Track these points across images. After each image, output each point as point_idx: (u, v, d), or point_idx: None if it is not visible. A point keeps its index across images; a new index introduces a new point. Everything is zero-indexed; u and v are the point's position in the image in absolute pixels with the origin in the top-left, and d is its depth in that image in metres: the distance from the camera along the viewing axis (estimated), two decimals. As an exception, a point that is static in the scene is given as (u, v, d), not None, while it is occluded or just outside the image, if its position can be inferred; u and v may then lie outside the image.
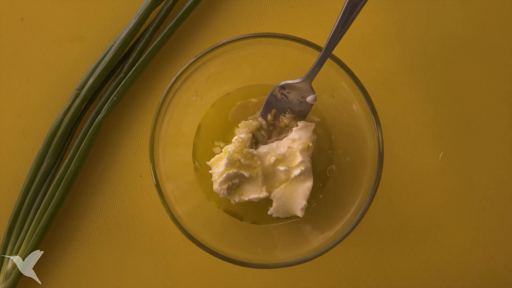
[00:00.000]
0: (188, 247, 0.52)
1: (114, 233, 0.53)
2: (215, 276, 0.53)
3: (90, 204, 0.53)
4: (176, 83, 0.45)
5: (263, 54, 0.50)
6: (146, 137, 0.53)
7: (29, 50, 0.54)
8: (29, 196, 0.51)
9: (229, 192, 0.47)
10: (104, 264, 0.53)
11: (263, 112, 0.48)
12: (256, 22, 0.54)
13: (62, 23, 0.54)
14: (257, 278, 0.53)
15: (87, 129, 0.52)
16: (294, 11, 0.54)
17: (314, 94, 0.46)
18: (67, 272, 0.53)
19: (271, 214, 0.48)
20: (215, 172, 0.47)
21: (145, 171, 0.53)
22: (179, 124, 0.49)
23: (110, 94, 0.52)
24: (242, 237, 0.50)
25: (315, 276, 0.53)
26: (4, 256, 0.51)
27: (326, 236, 0.46)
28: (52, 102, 0.53)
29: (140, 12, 0.52)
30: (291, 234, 0.50)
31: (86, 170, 0.53)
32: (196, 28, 0.54)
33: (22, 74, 0.53)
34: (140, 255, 0.53)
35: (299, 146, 0.46)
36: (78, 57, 0.53)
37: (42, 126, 0.53)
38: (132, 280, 0.53)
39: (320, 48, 0.44)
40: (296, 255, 0.45)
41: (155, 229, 0.53)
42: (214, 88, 0.50)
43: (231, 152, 0.46)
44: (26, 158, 0.53)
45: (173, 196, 0.47)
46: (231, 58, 0.47)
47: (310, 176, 0.47)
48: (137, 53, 0.52)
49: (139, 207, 0.53)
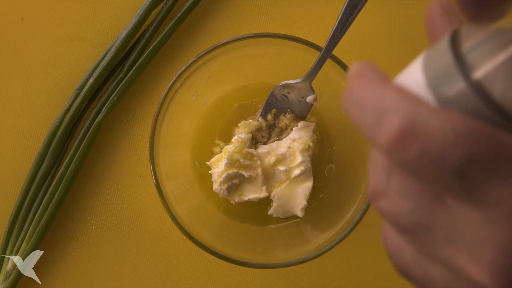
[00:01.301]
0: (188, 247, 0.52)
1: (114, 233, 0.53)
2: (215, 276, 0.53)
3: (90, 204, 0.53)
4: (176, 83, 0.45)
5: (263, 54, 0.50)
6: (146, 137, 0.53)
7: (29, 50, 0.54)
8: (29, 196, 0.51)
9: (229, 192, 0.47)
10: (104, 264, 0.53)
11: (263, 112, 0.48)
12: (256, 22, 0.54)
13: (62, 23, 0.54)
14: (257, 278, 0.53)
15: (87, 129, 0.52)
16: (294, 11, 0.54)
17: (314, 94, 0.46)
18: (67, 272, 0.53)
19: (271, 214, 0.48)
20: (215, 172, 0.47)
21: (145, 171, 0.53)
22: (179, 124, 0.49)
23: (110, 94, 0.52)
24: (242, 237, 0.50)
25: (315, 276, 0.53)
26: (4, 256, 0.51)
27: (326, 236, 0.46)
28: (52, 102, 0.53)
29: (140, 12, 0.52)
30: (291, 234, 0.50)
31: (86, 170, 0.53)
32: (196, 28, 0.54)
33: (22, 74, 0.53)
34: (140, 255, 0.53)
35: (299, 146, 0.46)
36: (78, 57, 0.53)
37: (42, 126, 0.53)
38: (132, 280, 0.53)
39: (320, 48, 0.44)
40: (296, 255, 0.45)
41: (155, 229, 0.53)
42: (214, 88, 0.50)
43: (231, 152, 0.46)
44: (26, 158, 0.53)
45: (173, 196, 0.47)
46: (231, 58, 0.47)
47: (310, 176, 0.47)
48: (137, 53, 0.52)
49: (139, 207, 0.53)
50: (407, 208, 0.22)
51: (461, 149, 0.19)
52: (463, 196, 0.20)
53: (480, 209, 0.20)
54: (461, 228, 0.20)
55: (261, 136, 0.49)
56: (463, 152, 0.19)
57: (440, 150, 0.19)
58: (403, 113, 0.19)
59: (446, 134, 0.19)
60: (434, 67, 0.21)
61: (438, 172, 0.19)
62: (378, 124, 0.20)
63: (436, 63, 0.21)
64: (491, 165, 0.19)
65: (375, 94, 0.20)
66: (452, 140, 0.19)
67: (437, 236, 0.21)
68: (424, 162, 0.19)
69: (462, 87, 0.20)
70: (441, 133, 0.19)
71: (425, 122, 0.19)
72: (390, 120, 0.19)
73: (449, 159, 0.19)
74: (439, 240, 0.21)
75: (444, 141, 0.19)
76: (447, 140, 0.19)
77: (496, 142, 0.19)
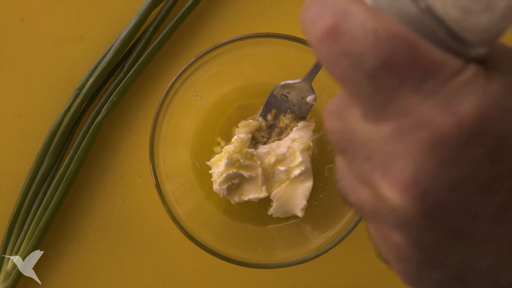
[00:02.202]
0: (188, 247, 0.52)
1: (114, 233, 0.53)
2: (215, 276, 0.53)
3: (90, 204, 0.53)
4: (176, 83, 0.45)
5: (263, 54, 0.50)
6: (146, 137, 0.53)
7: (29, 50, 0.54)
8: (29, 196, 0.51)
9: (229, 192, 0.47)
10: (104, 264, 0.53)
11: (263, 112, 0.48)
12: (256, 22, 0.54)
13: (62, 23, 0.54)
14: (257, 278, 0.53)
15: (87, 129, 0.52)
16: (294, 11, 0.54)
17: (314, 94, 0.46)
18: (67, 272, 0.53)
19: (271, 214, 0.48)
20: (215, 172, 0.47)
21: (145, 171, 0.53)
22: (179, 124, 0.49)
23: (110, 94, 0.52)
24: (242, 237, 0.50)
25: (315, 276, 0.53)
26: (4, 256, 0.51)
27: (326, 236, 0.46)
28: (52, 102, 0.53)
29: (140, 12, 0.52)
30: (291, 234, 0.50)
31: (86, 170, 0.53)
32: (196, 28, 0.54)
33: (22, 74, 0.53)
34: (140, 255, 0.53)
35: (299, 146, 0.46)
36: (78, 57, 0.53)
37: (42, 126, 0.53)
38: (132, 280, 0.53)
39: (320, 48, 0.44)
40: (296, 255, 0.45)
41: (155, 229, 0.53)
42: (214, 88, 0.50)
43: (230, 152, 0.46)
44: (26, 158, 0.53)
45: (173, 196, 0.47)
46: (231, 58, 0.47)
47: (310, 176, 0.47)
48: (137, 53, 0.52)
49: (139, 207, 0.53)
50: (338, 126, 0.22)
51: (378, 52, 0.19)
52: (377, 107, 0.20)
53: (391, 121, 0.20)
54: (375, 144, 0.20)
55: (261, 136, 0.49)
56: (379, 55, 0.19)
57: (359, 51, 0.19)
58: (335, 11, 0.19)
59: (367, 35, 0.19)
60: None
61: (355, 73, 0.19)
62: (314, 22, 0.20)
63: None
64: (404, 73, 0.19)
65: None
66: (372, 42, 0.19)
67: (360, 154, 0.21)
68: (343, 60, 0.19)
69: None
70: (363, 34, 0.19)
71: (351, 21, 0.19)
72: (323, 17, 0.20)
73: (365, 61, 0.19)
74: (361, 159, 0.21)
75: (363, 42, 0.19)
76: (367, 42, 0.19)
77: (413, 50, 0.19)
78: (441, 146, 0.19)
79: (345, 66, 0.19)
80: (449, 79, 0.19)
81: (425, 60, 0.19)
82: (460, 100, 0.19)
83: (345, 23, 0.19)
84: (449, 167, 0.19)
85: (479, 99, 0.19)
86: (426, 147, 0.19)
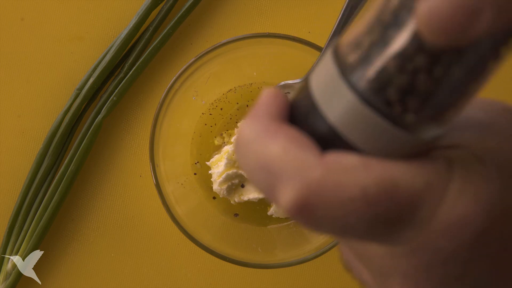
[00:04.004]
0: (188, 247, 0.52)
1: (114, 233, 0.53)
2: (215, 276, 0.53)
3: (90, 204, 0.53)
4: (176, 83, 0.45)
5: (263, 54, 0.50)
6: (146, 137, 0.53)
7: (29, 50, 0.54)
8: (29, 196, 0.51)
9: (229, 192, 0.47)
10: (104, 264, 0.53)
11: (263, 112, 0.48)
12: (256, 22, 0.54)
13: (62, 23, 0.54)
14: (257, 278, 0.53)
15: (87, 129, 0.52)
16: (294, 11, 0.54)
17: (314, 94, 0.46)
18: (67, 272, 0.53)
19: (271, 214, 0.48)
20: (214, 172, 0.47)
21: (145, 171, 0.53)
22: (179, 124, 0.49)
23: (110, 94, 0.52)
24: (242, 237, 0.50)
25: (315, 276, 0.53)
26: (4, 256, 0.51)
27: (326, 236, 0.46)
28: (52, 102, 0.53)
29: (140, 12, 0.52)
30: (291, 234, 0.50)
31: (86, 170, 0.53)
32: (196, 28, 0.54)
33: (22, 74, 0.53)
34: (140, 255, 0.53)
35: (299, 146, 0.46)
36: (78, 57, 0.53)
37: (42, 126, 0.53)
38: (132, 280, 0.53)
39: (320, 48, 0.44)
40: (296, 255, 0.45)
41: (155, 229, 0.53)
42: (214, 88, 0.50)
43: (230, 152, 0.46)
44: (26, 158, 0.53)
45: (173, 196, 0.47)
46: (231, 58, 0.47)
47: (310, 176, 0.47)
48: (137, 53, 0.52)
49: (139, 207, 0.53)
50: None
51: (365, 215, 0.19)
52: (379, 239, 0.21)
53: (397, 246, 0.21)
54: None
55: (261, 136, 0.49)
56: (366, 218, 0.19)
57: (341, 215, 0.19)
58: (294, 184, 0.19)
59: (346, 203, 0.19)
60: None
61: (342, 235, 0.20)
62: (271, 190, 0.19)
63: None
64: (393, 218, 0.19)
65: (261, 152, 0.20)
66: (354, 207, 0.19)
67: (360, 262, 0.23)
68: (329, 226, 0.19)
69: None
70: (337, 203, 0.19)
71: (317, 193, 0.19)
72: (282, 190, 0.19)
73: (353, 224, 0.19)
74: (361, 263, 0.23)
75: (345, 208, 0.19)
76: (349, 208, 0.19)
77: (393, 199, 0.19)
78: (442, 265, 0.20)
79: (332, 230, 0.20)
80: (433, 211, 0.19)
81: (406, 203, 0.19)
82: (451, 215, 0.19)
83: (312, 196, 0.19)
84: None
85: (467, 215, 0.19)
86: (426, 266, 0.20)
